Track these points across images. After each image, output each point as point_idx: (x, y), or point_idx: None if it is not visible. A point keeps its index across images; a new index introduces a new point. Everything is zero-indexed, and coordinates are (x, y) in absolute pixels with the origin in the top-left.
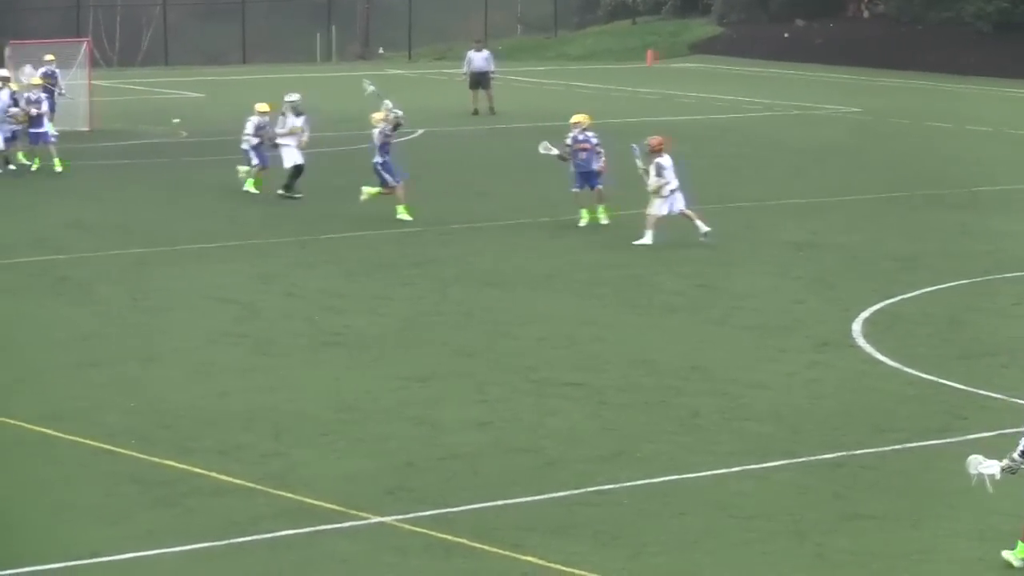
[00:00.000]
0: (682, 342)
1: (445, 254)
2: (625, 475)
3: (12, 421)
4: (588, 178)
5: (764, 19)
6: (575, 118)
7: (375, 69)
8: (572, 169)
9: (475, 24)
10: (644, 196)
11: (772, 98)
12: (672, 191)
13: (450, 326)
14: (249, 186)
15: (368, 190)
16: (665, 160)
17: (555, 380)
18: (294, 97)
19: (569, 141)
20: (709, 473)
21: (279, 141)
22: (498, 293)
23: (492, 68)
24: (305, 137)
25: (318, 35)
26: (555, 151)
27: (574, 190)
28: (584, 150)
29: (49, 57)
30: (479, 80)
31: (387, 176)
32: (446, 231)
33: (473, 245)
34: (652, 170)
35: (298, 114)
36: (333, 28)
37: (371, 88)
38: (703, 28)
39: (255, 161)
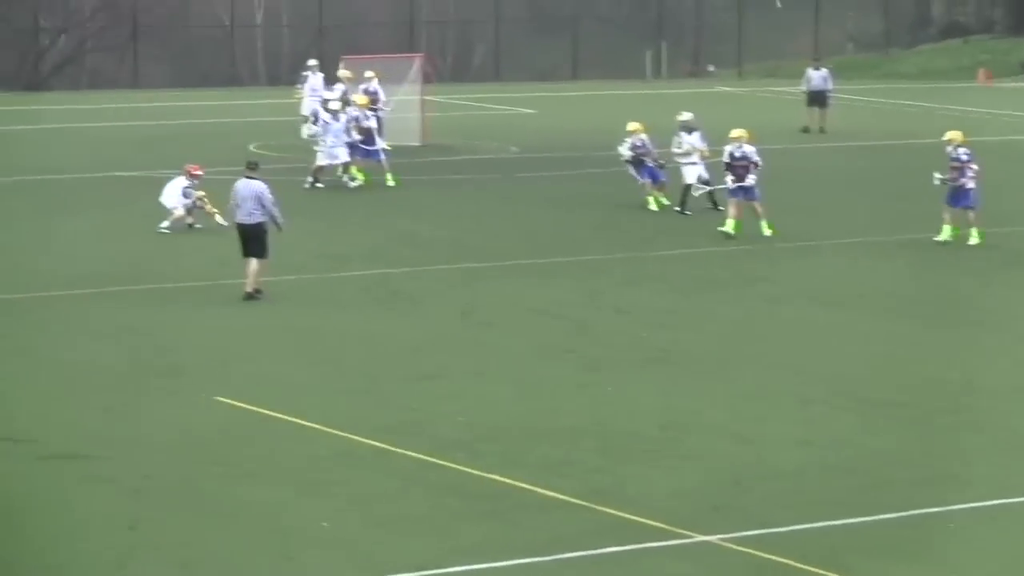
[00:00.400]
0: (1008, 364)
1: (773, 272)
2: (950, 497)
3: (341, 433)
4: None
5: None
6: (949, 134)
7: (705, 86)
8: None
9: (805, 42)
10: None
11: None
12: None
13: (777, 344)
14: (651, 204)
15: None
16: None
17: (881, 400)
18: (686, 116)
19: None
20: None
21: (678, 160)
22: (824, 312)
23: (830, 87)
24: (704, 152)
25: (648, 52)
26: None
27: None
28: (956, 168)
29: (369, 74)
30: (816, 98)
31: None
32: (775, 250)
33: (802, 264)
34: None
35: (690, 131)
36: (663, 45)
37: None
38: None
39: (641, 180)
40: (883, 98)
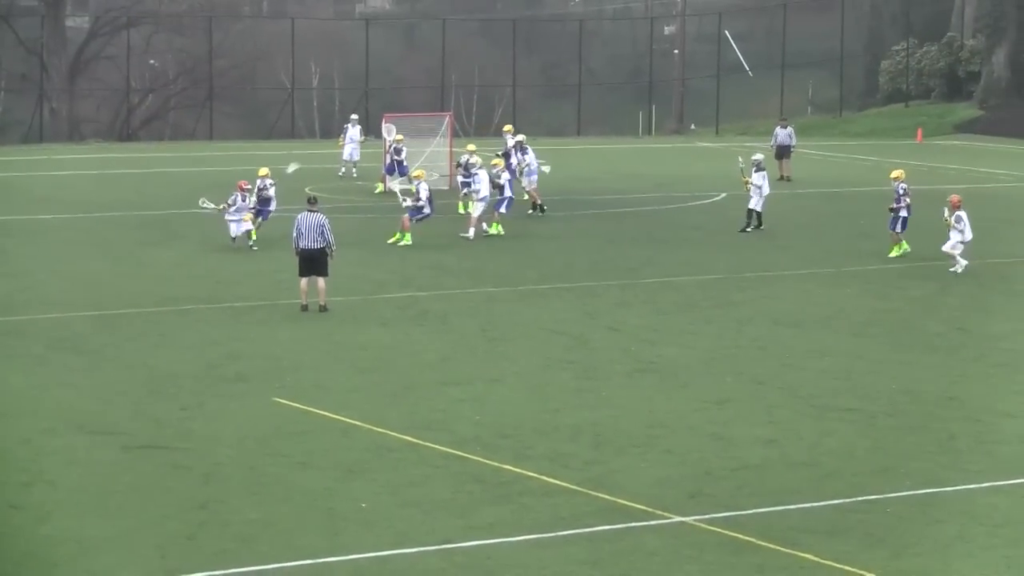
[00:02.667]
0: (942, 376)
1: (742, 297)
2: (890, 487)
3: (379, 429)
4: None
5: (1020, 103)
6: (894, 172)
7: (687, 142)
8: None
9: (772, 105)
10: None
11: None
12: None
13: (745, 358)
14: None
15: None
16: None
17: (833, 405)
18: (758, 157)
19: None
20: (963, 487)
21: (751, 190)
22: (786, 331)
23: (793, 142)
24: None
25: (640, 113)
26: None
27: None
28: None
29: (398, 137)
30: (782, 152)
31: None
32: (743, 279)
33: (767, 290)
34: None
35: (759, 170)
36: (653, 107)
37: (295, 167)
38: (966, 110)
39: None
40: (838, 152)
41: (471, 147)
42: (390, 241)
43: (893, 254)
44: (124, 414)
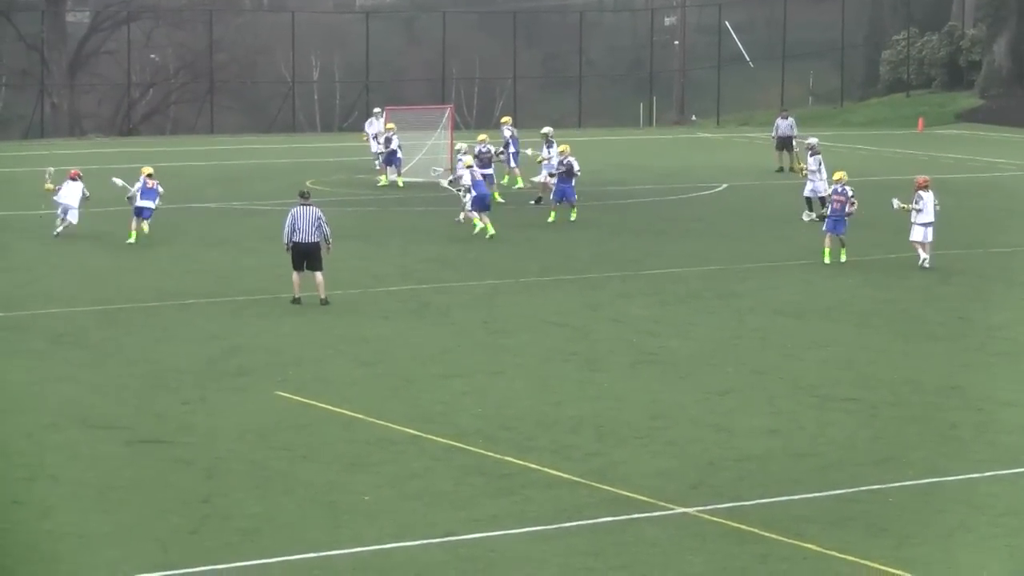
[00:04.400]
0: (944, 366)
1: (744, 288)
2: (892, 477)
3: (381, 422)
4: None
5: (1021, 92)
6: (837, 175)
7: (688, 133)
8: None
9: (773, 95)
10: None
11: None
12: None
13: (747, 349)
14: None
15: None
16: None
17: (835, 396)
18: (812, 141)
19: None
20: (964, 477)
21: (810, 176)
22: (788, 321)
23: (795, 133)
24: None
25: (641, 104)
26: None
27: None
28: (840, 202)
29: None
30: (783, 143)
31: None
32: (745, 269)
33: (768, 281)
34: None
35: (814, 154)
36: (654, 98)
37: (119, 183)
38: (967, 100)
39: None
40: (839, 143)
41: (483, 136)
42: (475, 232)
43: (830, 259)
44: (126, 409)
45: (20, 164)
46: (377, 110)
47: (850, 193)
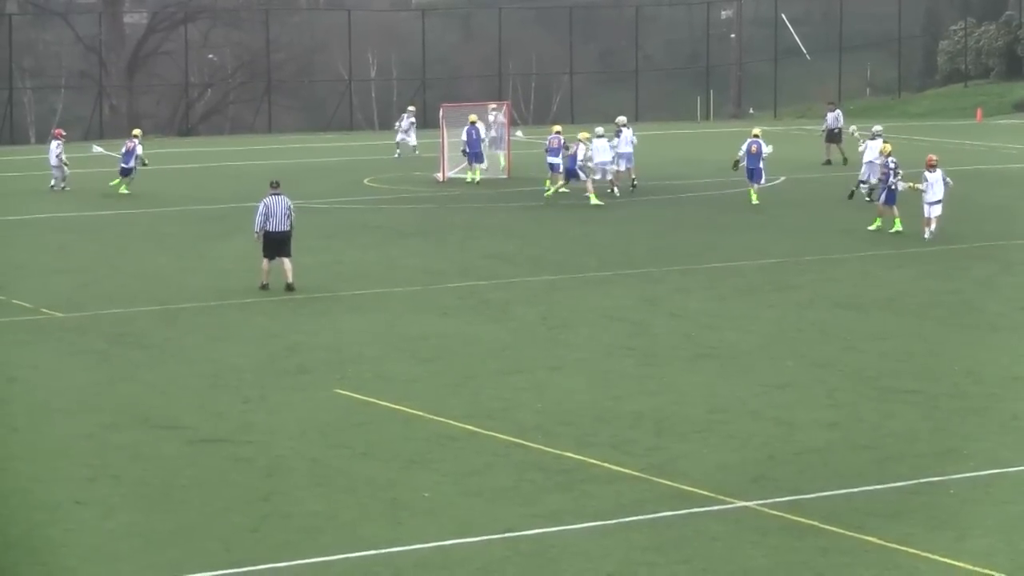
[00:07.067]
0: (1005, 356)
1: (802, 281)
2: (953, 468)
3: (441, 419)
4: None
5: None
6: (883, 147)
7: (745, 126)
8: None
9: (831, 87)
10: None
11: None
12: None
13: (806, 342)
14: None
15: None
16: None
17: (895, 388)
18: (877, 128)
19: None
20: None
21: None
22: (848, 314)
23: (841, 124)
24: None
25: (698, 98)
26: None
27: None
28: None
29: (472, 117)
30: (831, 135)
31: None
32: (803, 262)
33: (827, 273)
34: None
35: (875, 139)
36: (711, 92)
37: (98, 150)
38: None
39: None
40: (896, 134)
41: (556, 128)
42: (594, 203)
43: (874, 227)
44: (187, 408)
45: (79, 166)
46: (411, 108)
47: (892, 165)
